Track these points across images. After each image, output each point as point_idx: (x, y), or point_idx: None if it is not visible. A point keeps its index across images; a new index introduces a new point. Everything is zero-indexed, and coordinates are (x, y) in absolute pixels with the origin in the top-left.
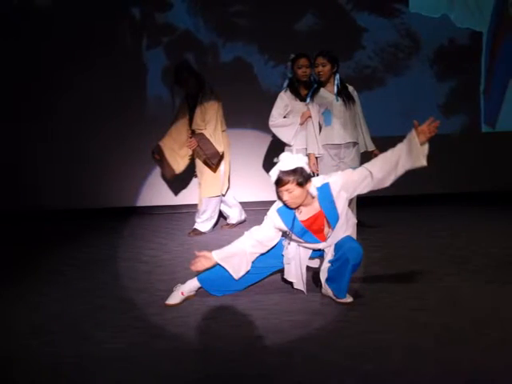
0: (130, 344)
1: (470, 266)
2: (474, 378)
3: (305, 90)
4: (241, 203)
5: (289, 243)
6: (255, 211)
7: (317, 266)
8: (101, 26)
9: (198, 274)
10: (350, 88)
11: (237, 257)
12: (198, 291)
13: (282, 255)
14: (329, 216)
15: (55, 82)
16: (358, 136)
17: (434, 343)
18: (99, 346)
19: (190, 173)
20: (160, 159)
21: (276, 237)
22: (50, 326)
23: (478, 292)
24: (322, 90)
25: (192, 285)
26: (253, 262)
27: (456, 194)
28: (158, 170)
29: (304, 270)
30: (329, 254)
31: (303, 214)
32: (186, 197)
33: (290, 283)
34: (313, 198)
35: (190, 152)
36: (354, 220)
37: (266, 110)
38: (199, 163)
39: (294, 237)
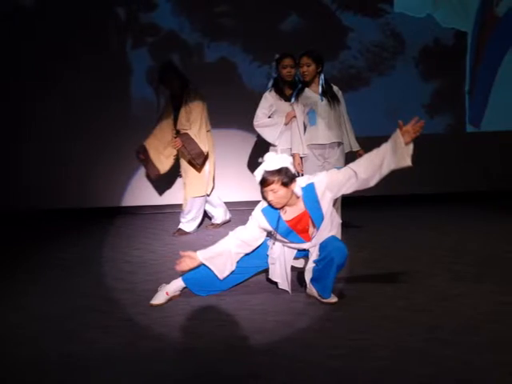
0: (114, 344)
1: (457, 265)
2: (466, 378)
3: (289, 89)
4: (225, 203)
5: (273, 243)
6: (240, 211)
7: (301, 266)
8: (86, 26)
9: (182, 274)
10: (335, 88)
11: (221, 257)
12: (183, 291)
13: (267, 255)
14: (313, 216)
15: (40, 82)
16: (343, 136)
17: (422, 343)
18: (84, 346)
19: (174, 173)
20: (145, 159)
21: (261, 237)
22: (34, 326)
23: (467, 292)
24: (307, 90)
25: (177, 285)
26: (237, 262)
27: (441, 194)
28: (142, 170)
29: (289, 270)
30: (313, 254)
31: (288, 214)
32: (171, 197)
33: (275, 283)
34: (297, 197)
35: (175, 152)
36: (338, 220)
37: (250, 110)
38: (184, 163)
39: (278, 237)
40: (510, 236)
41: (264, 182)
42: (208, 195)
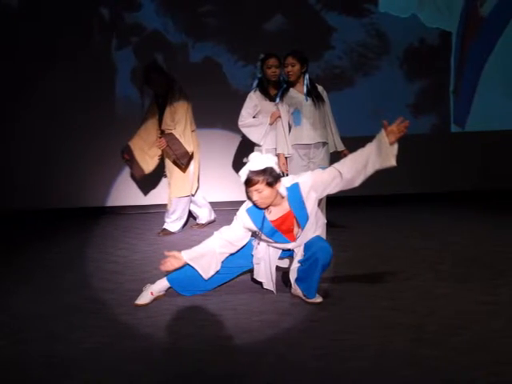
0: (99, 344)
1: (441, 265)
2: (449, 378)
3: (274, 89)
4: (210, 203)
5: (258, 243)
6: (225, 211)
7: (286, 266)
8: (70, 26)
9: (167, 274)
10: (320, 88)
11: (206, 257)
12: (168, 291)
13: (252, 255)
14: (298, 216)
15: (24, 82)
16: (328, 136)
17: (407, 343)
18: (69, 345)
19: (159, 173)
20: (129, 159)
21: (245, 237)
22: (19, 325)
23: (451, 292)
24: (292, 90)
25: (161, 285)
26: (222, 262)
27: (425, 194)
28: (127, 170)
29: (273, 270)
30: (298, 254)
31: (273, 214)
32: (156, 197)
33: (260, 283)
34: (282, 198)
35: (160, 152)
36: (323, 220)
37: (235, 110)
38: (169, 163)
39: (263, 237)
40: (495, 236)
41: (249, 182)
42: (193, 195)
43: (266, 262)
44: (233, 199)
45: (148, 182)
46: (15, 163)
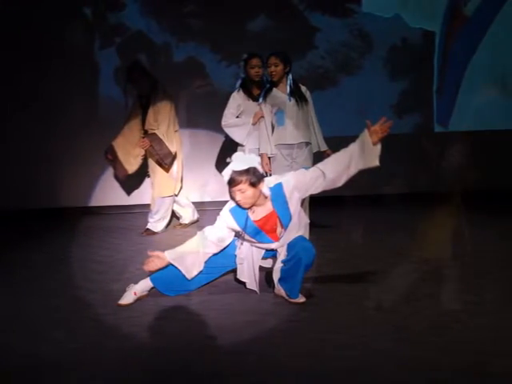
0: (83, 344)
1: (425, 265)
2: (434, 377)
3: (257, 90)
4: (193, 203)
5: (241, 243)
6: (208, 211)
7: (269, 266)
8: (53, 26)
9: (150, 273)
10: (303, 88)
11: (189, 257)
12: (151, 291)
13: (235, 255)
14: (281, 216)
15: (6, 82)
16: (311, 136)
17: (390, 343)
18: (53, 345)
19: (142, 173)
20: (113, 159)
21: (229, 237)
22: (3, 326)
23: (434, 292)
24: (275, 90)
25: (145, 285)
26: (205, 262)
27: (408, 194)
28: (110, 170)
29: (257, 270)
30: (281, 254)
31: (256, 214)
32: (139, 197)
33: (243, 283)
34: (266, 198)
35: (143, 152)
36: (306, 220)
37: (218, 110)
38: (152, 163)
39: (246, 237)
40: (479, 236)
41: (232, 182)
42: (176, 195)
43: (249, 261)
44: (216, 199)
45: (131, 182)
46: None
